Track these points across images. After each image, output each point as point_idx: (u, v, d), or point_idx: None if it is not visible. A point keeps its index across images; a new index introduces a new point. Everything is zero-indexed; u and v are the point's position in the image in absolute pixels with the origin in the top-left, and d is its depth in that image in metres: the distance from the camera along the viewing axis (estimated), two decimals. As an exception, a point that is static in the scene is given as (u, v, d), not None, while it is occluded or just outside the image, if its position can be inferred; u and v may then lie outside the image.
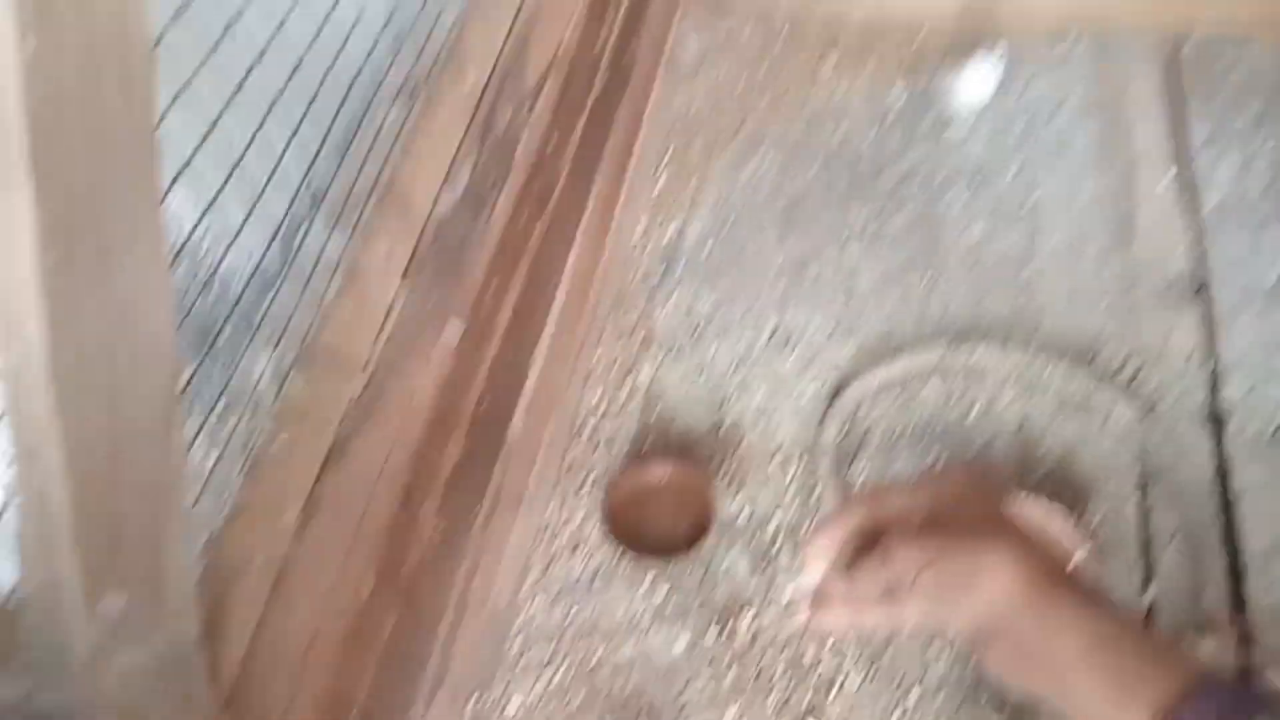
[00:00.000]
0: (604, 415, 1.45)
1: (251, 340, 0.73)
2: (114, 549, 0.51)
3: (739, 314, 1.52)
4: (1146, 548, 1.23)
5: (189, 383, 0.76)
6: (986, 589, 0.53)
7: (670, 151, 1.77)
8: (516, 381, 1.24)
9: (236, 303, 0.75)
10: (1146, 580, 1.20)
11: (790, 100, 1.82)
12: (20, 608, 0.51)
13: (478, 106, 1.10)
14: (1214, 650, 1.13)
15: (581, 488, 1.38)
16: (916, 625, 0.61)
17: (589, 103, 1.39)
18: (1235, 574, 1.20)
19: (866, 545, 0.62)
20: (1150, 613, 1.19)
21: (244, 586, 0.77)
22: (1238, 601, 1.18)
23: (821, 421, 1.37)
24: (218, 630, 0.73)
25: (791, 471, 1.35)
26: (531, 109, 1.18)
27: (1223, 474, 1.28)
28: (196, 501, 0.75)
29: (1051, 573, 0.54)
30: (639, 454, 1.40)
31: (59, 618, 0.49)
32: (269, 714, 0.80)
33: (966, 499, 0.59)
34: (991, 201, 1.61)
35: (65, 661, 0.49)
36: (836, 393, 1.40)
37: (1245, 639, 1.14)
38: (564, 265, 1.36)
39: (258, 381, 0.77)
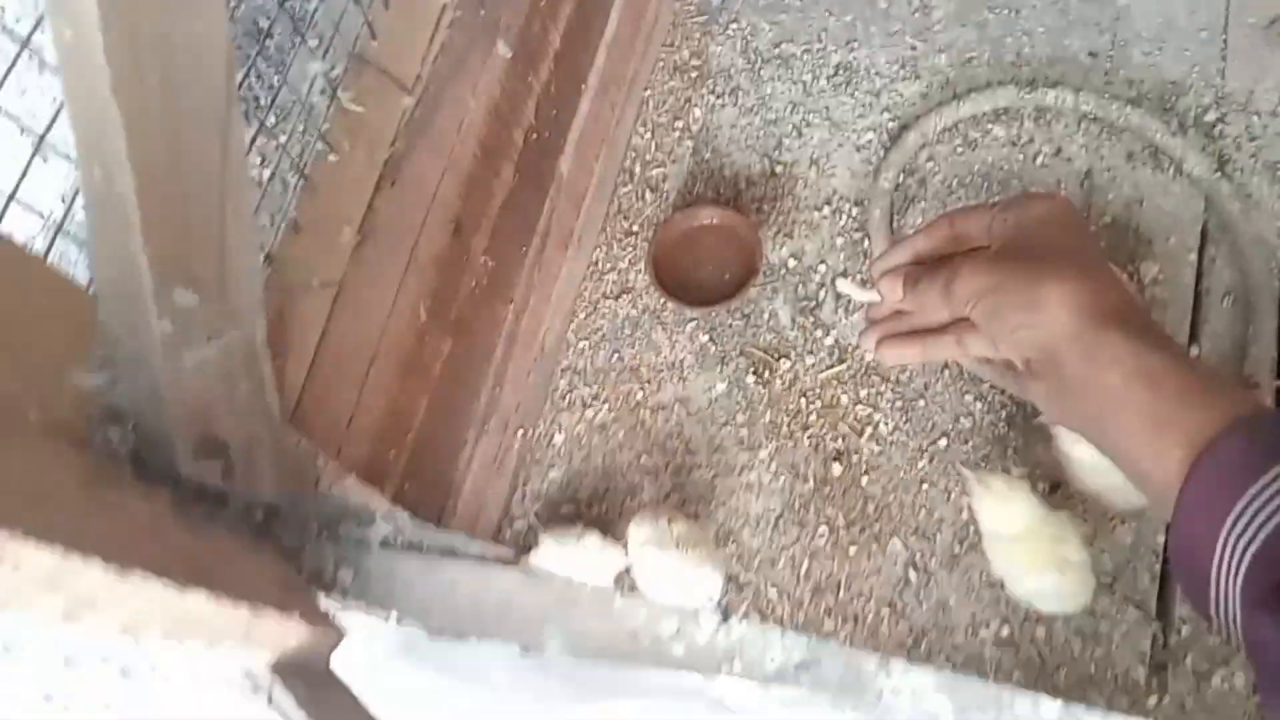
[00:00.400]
0: (654, 155, 1.40)
1: (301, 42, 0.69)
2: (181, 242, 0.50)
3: (800, 49, 1.43)
4: (1197, 305, 1.21)
5: (241, 84, 0.72)
6: (1040, 318, 0.52)
7: None
8: (566, 114, 1.19)
9: (283, 2, 0.70)
10: (1193, 337, 1.19)
11: None
12: (96, 301, 0.51)
13: None
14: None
15: (629, 232, 1.36)
16: (971, 350, 0.60)
17: None
18: (1286, 335, 1.18)
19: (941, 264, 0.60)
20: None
21: (304, 301, 0.77)
22: (1284, 363, 1.17)
23: (878, 168, 1.31)
24: (281, 341, 0.74)
25: (842, 220, 1.32)
26: None
27: (1290, 234, 1.24)
28: (255, 212, 0.73)
29: (1109, 307, 0.52)
30: (687, 198, 1.36)
31: (132, 310, 0.49)
32: (333, 424, 0.83)
33: (1048, 225, 0.56)
34: (1084, -73, 1.45)
35: (140, 353, 0.50)
36: (897, 137, 1.33)
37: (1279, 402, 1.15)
38: (616, -13, 1.27)
39: (309, 91, 0.73)
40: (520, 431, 1.22)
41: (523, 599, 0.63)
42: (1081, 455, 1.06)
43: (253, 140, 0.69)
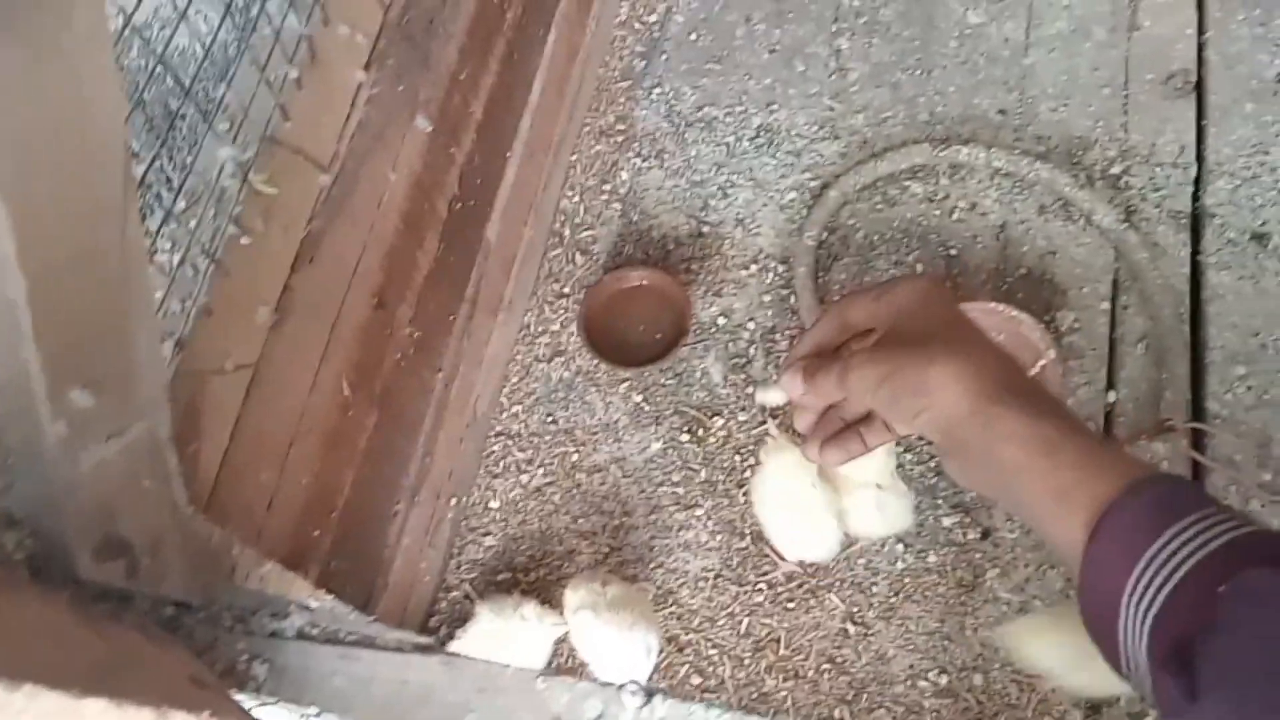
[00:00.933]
0: (583, 219, 1.41)
1: (209, 128, 0.69)
2: (78, 342, 0.49)
3: (722, 112, 1.46)
4: (1113, 351, 1.25)
5: (145, 175, 0.72)
6: (934, 401, 0.54)
7: (652, -71, 1.64)
8: (492, 181, 1.20)
9: (190, 88, 0.70)
10: (1110, 383, 1.23)
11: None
12: (-11, 405, 0.49)
13: None
14: (1168, 452, 1.17)
15: (560, 295, 1.37)
16: (900, 431, 0.62)
17: None
18: (1196, 379, 1.23)
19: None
20: (1110, 415, 1.22)
21: (219, 386, 0.76)
22: (1195, 406, 1.21)
23: (802, 226, 1.34)
24: (194, 429, 0.73)
25: (769, 278, 1.34)
26: (499, -123, 1.08)
27: (1195, 279, 1.29)
28: (164, 302, 0.72)
29: (996, 382, 0.54)
30: (617, 259, 1.38)
31: (25, 415, 0.48)
32: (252, 508, 0.81)
33: (921, 306, 0.58)
34: (991, -14, 1.52)
35: (35, 457, 0.49)
36: (819, 195, 1.36)
37: (1198, 442, 1.18)
38: (540, 55, 1.28)
39: (219, 175, 0.73)
40: (454, 500, 1.21)
41: (444, 687, 0.62)
42: None
43: (160, 228, 0.69)
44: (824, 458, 0.63)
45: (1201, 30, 1.44)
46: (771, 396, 1.23)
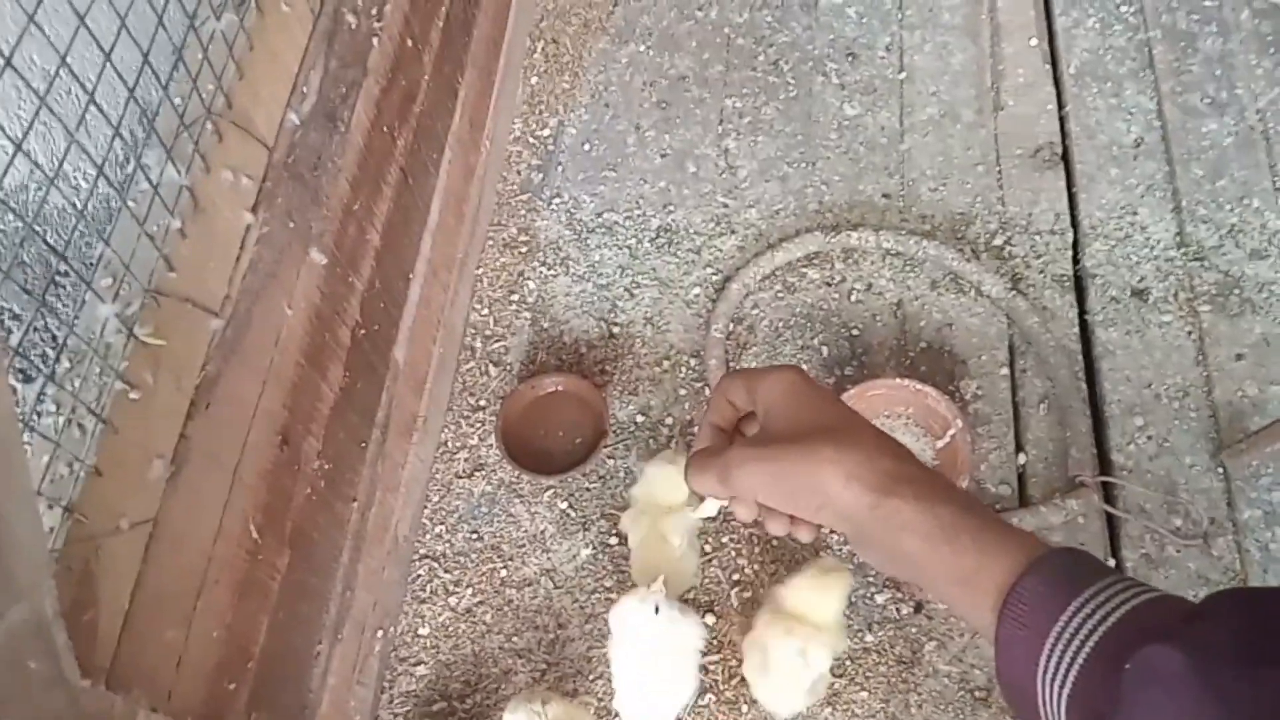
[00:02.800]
0: (493, 330, 1.42)
1: (88, 287, 0.68)
2: (-56, 534, 0.47)
3: (622, 217, 1.50)
4: (1017, 415, 1.29)
5: (24, 337, 0.70)
6: (829, 498, 0.54)
7: (540, 46, 1.70)
8: (395, 304, 1.20)
9: (67, 245, 0.69)
10: (1019, 446, 1.27)
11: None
12: None
13: (320, 8, 1.01)
14: (1082, 508, 1.21)
15: (476, 408, 1.36)
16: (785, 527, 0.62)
17: None
18: (1099, 434, 1.27)
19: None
20: (1022, 477, 1.25)
21: (115, 547, 0.73)
22: (1102, 460, 1.25)
23: (708, 320, 1.37)
24: (89, 596, 0.70)
25: (683, 372, 1.36)
26: (382, 7, 1.10)
27: (1085, 338, 1.34)
28: (49, 467, 0.70)
29: (888, 472, 0.54)
30: (531, 368, 1.38)
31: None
32: (159, 669, 0.77)
33: (793, 399, 0.59)
34: (864, 78, 1.60)
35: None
36: (721, 289, 1.40)
37: (1109, 495, 1.22)
38: (436, 176, 1.30)
39: (102, 331, 0.72)
40: (380, 631, 1.17)
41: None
42: None
43: (41, 391, 0.67)
44: (799, 534, 0.61)
45: (1061, 105, 1.54)
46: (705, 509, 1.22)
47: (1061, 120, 1.53)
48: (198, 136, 0.83)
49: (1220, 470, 1.22)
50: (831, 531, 1.20)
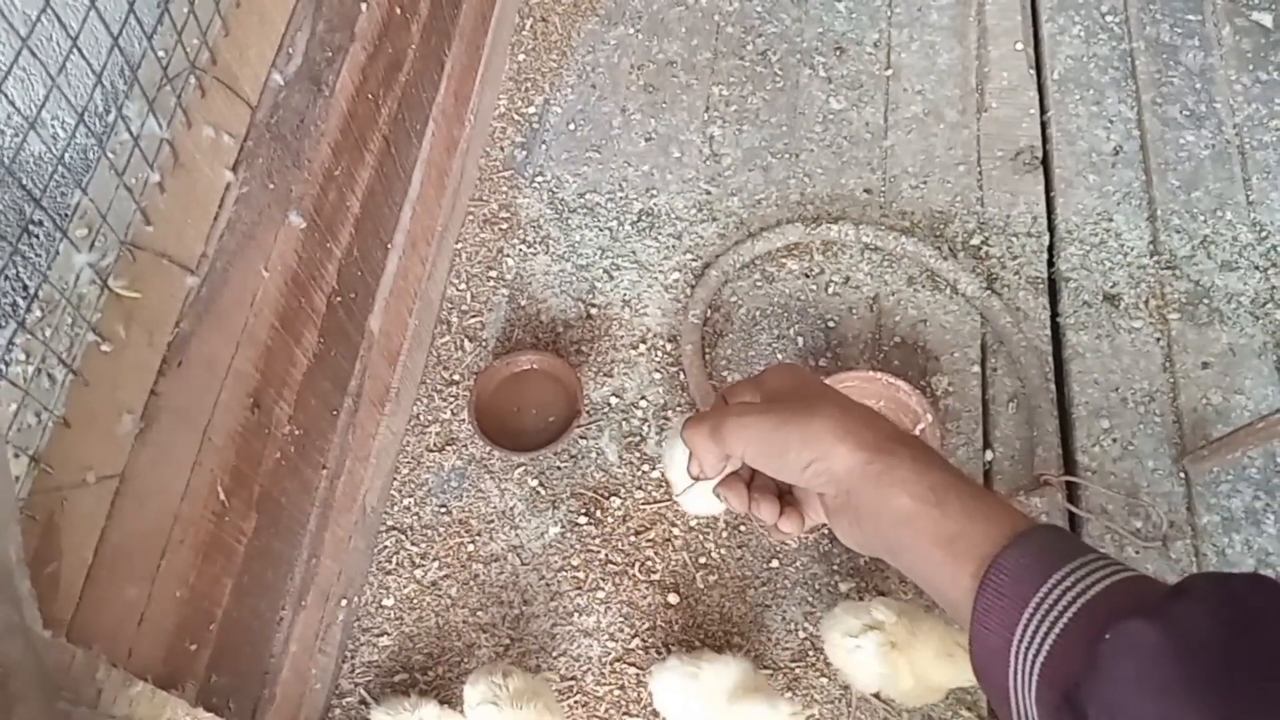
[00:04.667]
0: (470, 305, 1.41)
1: (64, 235, 0.66)
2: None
3: (604, 198, 1.50)
4: (986, 412, 1.31)
5: (-5, 285, 0.69)
6: (823, 451, 0.55)
7: (529, 24, 1.69)
8: (373, 274, 1.19)
9: (44, 193, 0.68)
10: (986, 443, 1.28)
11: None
12: None
13: (310, -26, 1.01)
14: (1045, 506, 1.22)
15: (449, 383, 1.36)
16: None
17: (435, -29, 1.30)
18: (1065, 434, 1.29)
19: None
20: (988, 474, 1.27)
21: (81, 500, 0.72)
22: (1067, 460, 1.27)
23: (686, 305, 1.37)
24: (53, 548, 0.69)
25: (658, 356, 1.36)
26: (372, -23, 1.09)
27: (1056, 339, 1.36)
28: (17, 415, 0.69)
29: (883, 434, 0.55)
30: (507, 345, 1.38)
31: None
32: (121, 625, 0.77)
33: (793, 382, 0.60)
34: (851, 73, 1.61)
35: None
36: (700, 275, 1.40)
37: (1072, 495, 1.24)
38: (418, 148, 1.29)
39: (76, 281, 0.71)
40: (344, 601, 1.17)
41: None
42: None
43: (12, 338, 0.66)
44: (784, 524, 0.61)
45: (1043, 110, 1.56)
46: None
47: (1043, 125, 1.55)
48: (180, 90, 0.82)
49: (1182, 475, 1.24)
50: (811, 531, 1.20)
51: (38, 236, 0.77)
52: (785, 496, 0.63)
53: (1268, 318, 1.35)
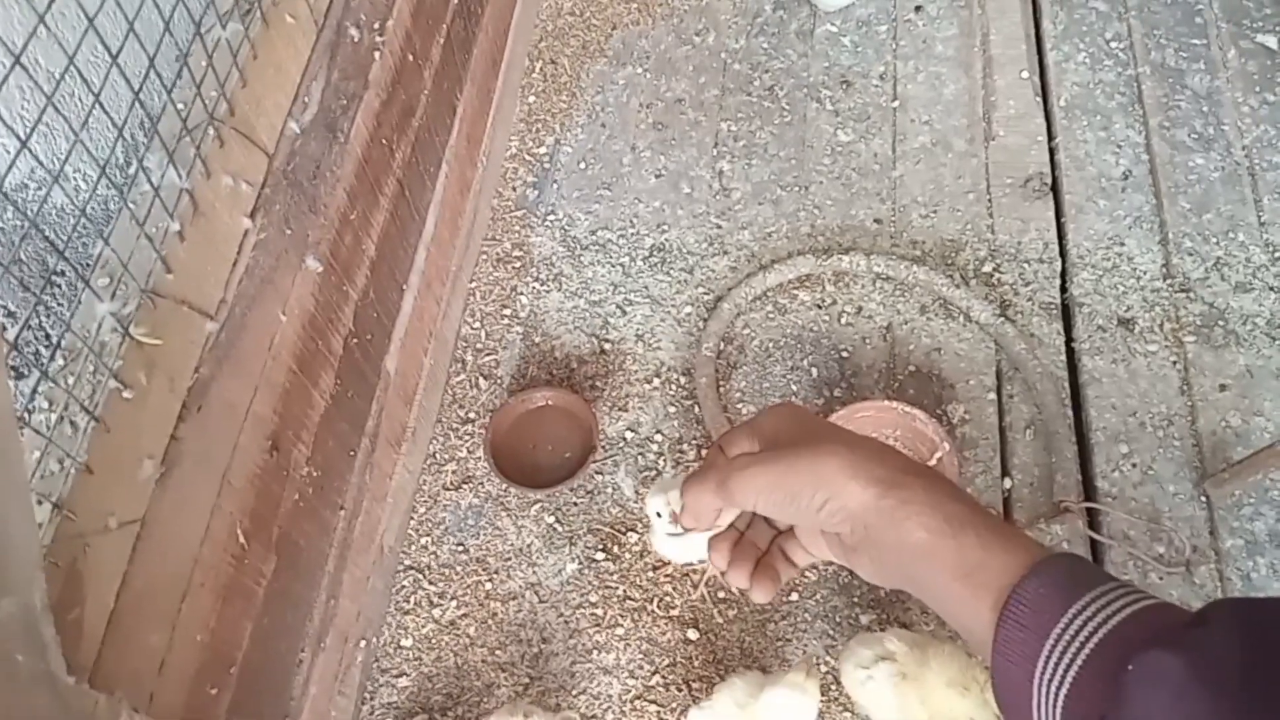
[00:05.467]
0: (485, 344, 1.43)
1: (86, 285, 0.68)
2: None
3: (615, 235, 1.51)
4: (1003, 439, 1.30)
5: (19, 334, 0.71)
6: (836, 492, 0.54)
7: (539, 66, 1.72)
8: (388, 315, 1.20)
9: (67, 244, 0.70)
10: (1005, 470, 1.28)
11: (659, 6, 1.78)
12: None
13: (324, 20, 1.03)
14: (1066, 533, 1.22)
15: (465, 420, 1.36)
16: (814, 550, 0.61)
17: (448, 14, 1.33)
18: (1084, 460, 1.28)
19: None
20: (1007, 501, 1.26)
21: (103, 546, 0.73)
22: (1086, 486, 1.26)
23: (699, 338, 1.38)
24: (75, 594, 0.70)
25: (673, 390, 1.37)
26: (384, 22, 1.12)
27: (1071, 365, 1.36)
28: (40, 462, 0.70)
29: (895, 466, 0.55)
30: (522, 382, 1.39)
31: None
32: (143, 671, 0.77)
33: (793, 422, 0.60)
34: (858, 106, 1.63)
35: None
36: (713, 308, 1.41)
37: (1093, 521, 1.23)
38: (432, 190, 1.31)
39: (98, 330, 0.72)
40: (363, 642, 1.17)
41: None
42: None
43: (35, 387, 0.67)
44: (754, 594, 0.62)
45: (1051, 136, 1.57)
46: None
47: (1051, 151, 1.55)
48: (199, 141, 0.84)
49: (1203, 499, 1.23)
50: (793, 583, 1.18)
51: (60, 286, 0.79)
52: (761, 560, 0.62)
53: (1285, 339, 1.34)
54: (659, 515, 1.07)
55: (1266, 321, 1.36)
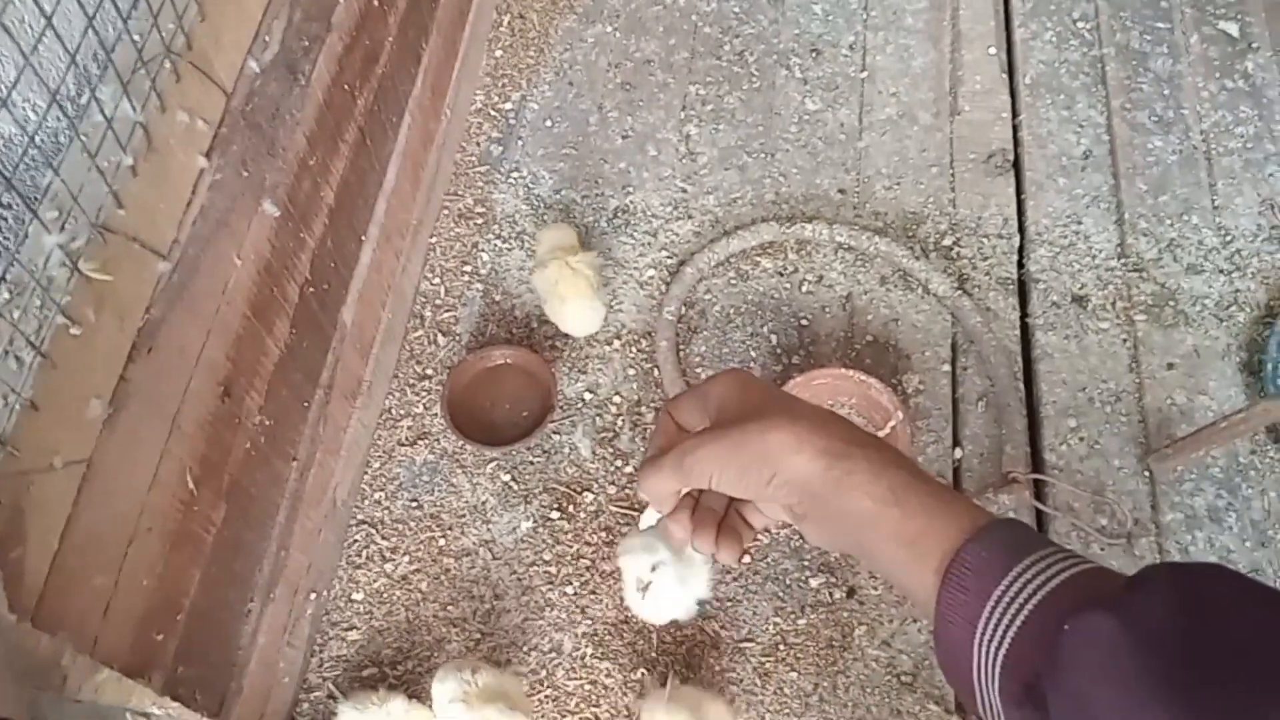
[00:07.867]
0: (444, 300, 1.41)
1: (34, 216, 0.66)
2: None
3: (579, 195, 1.50)
4: (956, 410, 1.32)
5: (-39, 267, 0.68)
6: (786, 465, 0.55)
7: (507, 20, 1.69)
8: (346, 265, 1.19)
9: (14, 173, 0.67)
10: (956, 441, 1.30)
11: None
12: None
13: (287, -38, 1.00)
14: (1013, 503, 1.24)
15: (422, 376, 1.35)
16: (764, 520, 0.62)
17: (414, -36, 1.30)
18: (1033, 433, 1.31)
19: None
20: (958, 471, 1.29)
21: (47, 485, 0.71)
22: (1035, 458, 1.29)
23: (661, 302, 1.38)
24: (18, 533, 0.68)
25: (633, 352, 1.36)
26: (349, -33, 1.09)
27: (1025, 340, 1.38)
28: (-19, 398, 0.68)
29: (841, 437, 0.56)
30: (481, 339, 1.38)
31: None
32: (87, 614, 0.76)
33: (739, 392, 0.60)
34: (827, 75, 1.62)
35: None
36: (676, 272, 1.41)
37: (1039, 493, 1.26)
38: (394, 140, 1.29)
39: (46, 263, 0.70)
40: (313, 594, 1.16)
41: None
42: None
43: (-23, 320, 0.65)
44: (721, 556, 0.62)
45: (1015, 114, 1.58)
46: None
47: (1015, 129, 1.57)
48: (155, 74, 0.82)
49: (1146, 474, 1.26)
50: (748, 549, 1.20)
51: (6, 219, 0.76)
52: (722, 523, 0.63)
53: (1231, 320, 1.37)
54: (640, 581, 1.07)
55: (1215, 303, 1.39)
